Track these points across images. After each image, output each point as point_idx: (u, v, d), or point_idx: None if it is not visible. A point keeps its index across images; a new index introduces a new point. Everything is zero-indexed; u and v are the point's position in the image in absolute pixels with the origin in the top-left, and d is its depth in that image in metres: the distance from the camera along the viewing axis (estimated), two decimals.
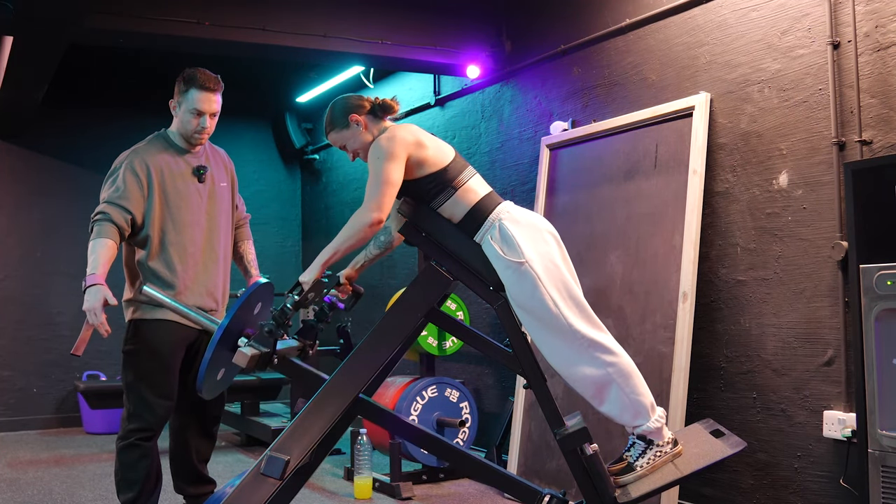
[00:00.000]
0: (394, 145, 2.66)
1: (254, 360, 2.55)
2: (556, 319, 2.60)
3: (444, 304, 4.29)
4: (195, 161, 3.31)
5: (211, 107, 3.22)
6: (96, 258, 3.02)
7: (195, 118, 3.20)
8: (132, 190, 3.14)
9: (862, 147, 3.14)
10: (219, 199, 3.36)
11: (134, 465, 3.13)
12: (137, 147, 3.26)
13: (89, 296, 2.97)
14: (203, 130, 3.24)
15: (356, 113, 2.78)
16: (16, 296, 6.65)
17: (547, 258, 2.64)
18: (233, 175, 3.50)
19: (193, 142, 3.28)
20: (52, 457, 5.51)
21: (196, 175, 3.29)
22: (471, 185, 2.72)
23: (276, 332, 2.57)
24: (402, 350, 2.79)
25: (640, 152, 4.00)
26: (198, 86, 3.19)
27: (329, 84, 6.60)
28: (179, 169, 3.26)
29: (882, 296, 2.76)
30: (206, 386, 2.55)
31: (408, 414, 4.54)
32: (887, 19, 3.08)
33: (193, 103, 3.19)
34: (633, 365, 2.66)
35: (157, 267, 3.19)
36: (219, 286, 3.34)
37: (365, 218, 2.61)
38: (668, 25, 3.99)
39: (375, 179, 2.64)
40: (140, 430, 3.14)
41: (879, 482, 2.75)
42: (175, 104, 3.26)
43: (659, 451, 2.65)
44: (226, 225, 3.39)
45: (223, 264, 3.37)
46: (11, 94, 5.52)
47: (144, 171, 3.17)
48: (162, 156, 3.24)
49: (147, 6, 4.31)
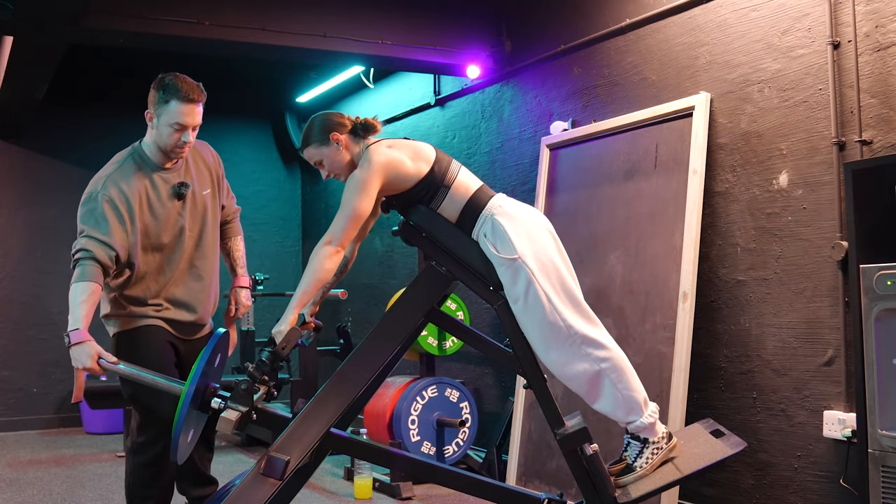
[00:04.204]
0: (369, 178, 2.62)
1: (238, 422, 2.52)
2: (551, 316, 2.60)
3: (444, 304, 4.29)
4: (174, 178, 3.05)
5: (194, 119, 2.93)
6: (79, 310, 2.84)
7: (176, 132, 2.92)
8: (114, 226, 2.90)
9: (862, 147, 3.14)
10: (202, 213, 3.15)
11: (151, 482, 3.04)
12: (110, 172, 2.98)
13: (78, 355, 2.79)
14: (184, 146, 2.96)
15: (336, 131, 2.73)
16: (16, 296, 6.65)
17: (541, 253, 2.63)
18: (217, 174, 3.24)
19: (172, 156, 3.02)
20: (52, 457, 5.51)
21: (175, 195, 3.04)
22: (461, 179, 2.71)
23: (252, 388, 2.55)
24: (402, 350, 2.79)
25: (640, 152, 4.00)
26: (180, 97, 2.88)
27: (329, 84, 6.60)
28: (157, 193, 3.01)
29: (882, 296, 2.76)
30: (180, 451, 2.48)
31: (408, 414, 4.54)
32: (887, 19, 3.08)
33: (175, 116, 2.89)
34: (626, 360, 2.66)
35: (133, 293, 3.05)
36: (203, 301, 3.17)
37: (325, 251, 2.60)
38: (668, 25, 3.99)
39: (343, 211, 2.62)
40: (152, 442, 3.03)
41: (879, 482, 2.75)
42: (152, 114, 2.95)
43: (655, 449, 2.65)
44: (211, 236, 3.21)
45: (208, 279, 3.20)
46: (11, 94, 5.52)
47: (124, 203, 2.93)
48: (138, 179, 2.98)
49: (147, 6, 4.31)
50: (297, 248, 7.84)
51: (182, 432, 2.47)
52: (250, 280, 3.51)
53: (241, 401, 2.55)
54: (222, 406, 2.55)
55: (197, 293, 3.15)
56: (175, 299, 3.10)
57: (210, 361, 2.61)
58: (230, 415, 2.52)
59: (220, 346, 2.72)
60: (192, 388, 2.49)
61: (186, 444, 2.60)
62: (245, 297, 3.33)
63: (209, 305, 3.21)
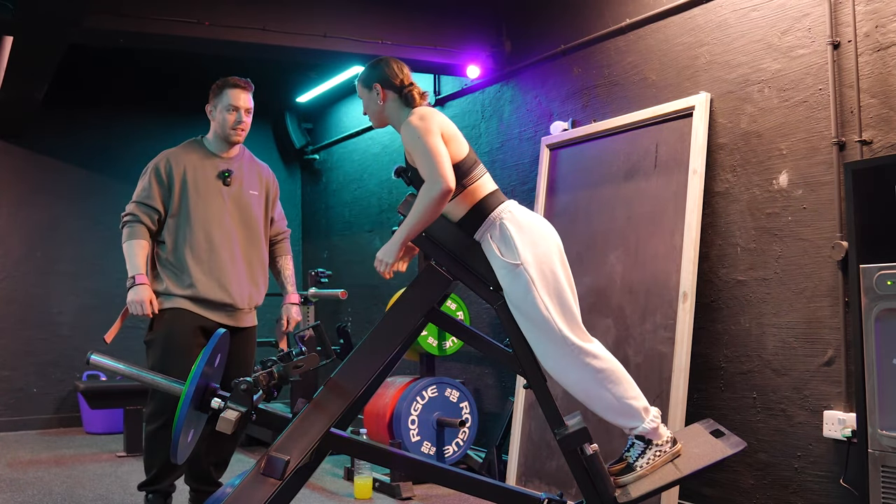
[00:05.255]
0: (427, 123, 2.68)
1: (237, 422, 2.54)
2: (547, 323, 2.63)
3: (444, 304, 4.29)
4: (224, 165, 3.56)
5: (246, 102, 3.53)
6: (136, 260, 3.38)
7: (231, 113, 3.50)
8: (155, 189, 3.45)
9: (862, 147, 3.14)
10: (245, 205, 3.57)
11: (155, 451, 3.45)
12: (168, 150, 3.56)
13: (134, 292, 3.33)
14: (240, 125, 3.52)
15: (383, 86, 2.82)
16: (16, 296, 6.65)
17: (543, 263, 2.65)
18: (269, 187, 3.70)
19: (231, 138, 3.53)
20: (52, 457, 5.51)
21: (220, 178, 3.53)
22: (479, 183, 2.74)
23: (252, 388, 2.57)
24: (402, 350, 2.79)
25: (640, 152, 4.00)
26: (230, 85, 3.52)
27: (329, 84, 6.59)
28: (205, 170, 3.52)
29: (882, 296, 2.76)
30: (180, 451, 2.50)
31: (408, 414, 4.54)
32: (887, 19, 3.08)
33: (229, 100, 3.50)
34: (623, 370, 2.69)
35: (172, 260, 3.46)
36: (235, 284, 3.50)
37: (433, 191, 2.60)
38: (668, 25, 3.99)
39: (425, 157, 2.63)
40: (158, 414, 3.44)
41: (879, 482, 2.75)
42: (211, 108, 3.56)
43: (658, 451, 2.66)
44: (253, 230, 3.58)
45: (246, 267, 3.54)
46: (11, 94, 5.51)
47: (167, 170, 3.47)
48: (190, 157, 3.53)
49: (147, 6, 4.31)
50: (297, 248, 7.84)
51: (182, 432, 2.47)
52: (300, 297, 3.89)
53: (240, 401, 2.56)
54: (222, 406, 2.56)
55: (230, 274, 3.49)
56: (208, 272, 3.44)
57: (210, 361, 2.61)
58: (230, 415, 2.53)
59: (221, 346, 2.73)
60: (192, 389, 2.50)
61: (186, 443, 2.60)
62: (295, 313, 3.73)
63: (245, 291, 3.54)
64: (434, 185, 2.59)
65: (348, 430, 2.92)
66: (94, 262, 6.79)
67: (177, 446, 2.45)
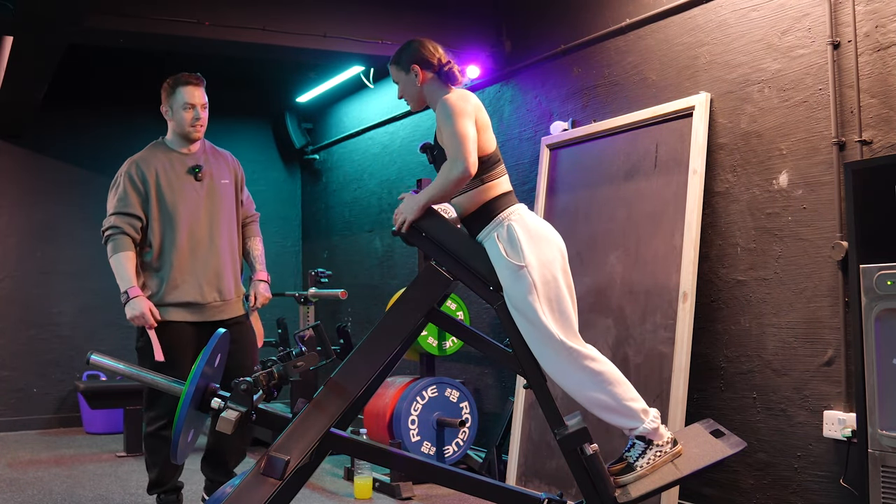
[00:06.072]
0: (464, 104, 2.69)
1: (237, 422, 2.54)
2: (544, 327, 2.64)
3: (444, 304, 4.29)
4: (192, 161, 3.57)
5: (201, 98, 3.54)
6: (126, 273, 3.42)
7: (189, 111, 3.50)
8: (133, 196, 3.47)
9: (862, 147, 3.14)
10: (219, 196, 3.60)
11: (157, 450, 3.52)
12: (135, 156, 3.56)
13: (131, 308, 3.37)
14: (198, 121, 3.53)
15: (421, 66, 2.81)
16: (16, 296, 6.65)
17: (546, 269, 2.67)
18: (237, 173, 3.73)
19: (191, 135, 3.54)
20: (52, 457, 5.51)
21: (192, 174, 3.55)
22: (498, 182, 2.75)
23: (252, 388, 2.57)
24: (401, 350, 2.79)
25: (640, 152, 4.00)
26: (183, 83, 3.51)
27: (329, 84, 6.59)
28: (174, 170, 3.53)
29: (882, 296, 2.76)
30: (180, 451, 2.50)
31: (408, 414, 4.54)
32: (887, 19, 3.08)
33: (184, 98, 3.49)
34: (620, 374, 2.70)
35: (156, 265, 3.50)
36: (223, 277, 3.55)
37: (453, 172, 2.61)
38: (668, 25, 3.99)
39: (453, 137, 2.63)
40: (155, 418, 3.51)
41: (879, 482, 2.75)
42: (166, 108, 3.56)
43: (659, 451, 2.66)
44: (228, 220, 3.62)
45: (228, 257, 3.59)
46: (11, 94, 5.51)
47: (140, 176, 3.48)
48: (157, 159, 3.54)
49: (147, 6, 4.31)
50: (297, 247, 7.84)
51: (182, 432, 2.48)
52: (268, 276, 3.88)
53: (240, 401, 2.56)
54: (222, 406, 2.56)
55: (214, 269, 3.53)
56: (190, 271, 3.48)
57: (210, 361, 2.62)
58: (230, 415, 2.53)
59: (221, 346, 2.73)
60: (192, 389, 2.50)
61: (186, 443, 2.60)
62: (263, 289, 3.73)
63: (229, 281, 3.60)
64: (455, 165, 2.60)
65: (348, 430, 2.92)
66: (94, 262, 6.77)
67: (177, 446, 2.45)
